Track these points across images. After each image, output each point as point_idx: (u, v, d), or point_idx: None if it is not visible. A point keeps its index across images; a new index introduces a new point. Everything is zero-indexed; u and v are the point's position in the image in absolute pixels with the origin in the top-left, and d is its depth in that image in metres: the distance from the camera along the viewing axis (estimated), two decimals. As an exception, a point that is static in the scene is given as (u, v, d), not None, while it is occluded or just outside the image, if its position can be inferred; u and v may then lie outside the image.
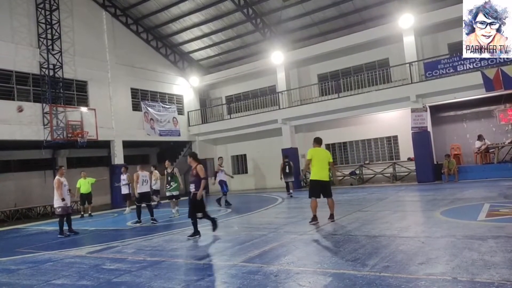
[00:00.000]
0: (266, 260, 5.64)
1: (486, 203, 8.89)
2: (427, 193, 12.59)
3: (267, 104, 22.20)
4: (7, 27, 16.01)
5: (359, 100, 17.60)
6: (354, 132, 19.93)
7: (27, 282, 5.65)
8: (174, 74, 23.53)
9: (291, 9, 19.66)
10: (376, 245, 5.90)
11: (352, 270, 4.72)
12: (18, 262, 7.30)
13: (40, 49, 16.75)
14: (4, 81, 15.71)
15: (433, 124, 17.52)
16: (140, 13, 21.10)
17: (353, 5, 18.83)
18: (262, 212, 11.73)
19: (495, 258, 4.68)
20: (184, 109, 23.87)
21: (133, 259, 6.55)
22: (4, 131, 15.09)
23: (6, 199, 17.35)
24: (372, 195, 13.42)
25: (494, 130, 17.01)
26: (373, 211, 9.61)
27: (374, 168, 19.09)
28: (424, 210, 9.50)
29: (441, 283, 4.01)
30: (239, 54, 23.53)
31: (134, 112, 20.58)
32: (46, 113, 16.39)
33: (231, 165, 24.18)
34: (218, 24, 21.28)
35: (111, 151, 19.40)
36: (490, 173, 14.97)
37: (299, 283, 4.49)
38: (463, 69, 15.47)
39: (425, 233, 6.49)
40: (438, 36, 17.78)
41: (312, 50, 20.20)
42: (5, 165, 18.42)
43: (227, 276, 5.09)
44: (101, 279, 5.44)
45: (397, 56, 18.24)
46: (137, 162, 24.26)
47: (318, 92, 20.76)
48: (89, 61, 18.73)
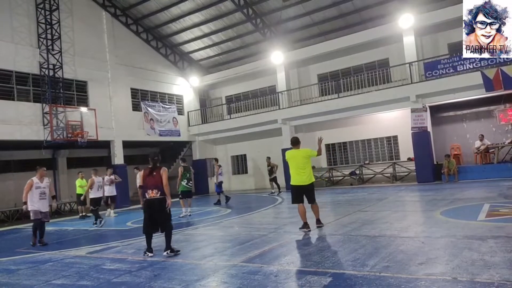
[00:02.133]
0: (266, 260, 5.64)
1: (486, 203, 8.89)
2: (427, 193, 12.59)
3: (267, 104, 22.20)
4: (7, 27, 16.00)
5: (359, 100, 17.60)
6: (354, 132, 19.94)
7: (27, 282, 5.65)
8: (174, 74, 23.53)
9: (291, 9, 19.66)
10: (376, 245, 5.90)
11: (352, 270, 4.72)
12: (18, 262, 7.30)
13: (40, 49, 16.75)
14: (4, 81, 15.70)
15: (433, 124, 17.52)
16: (140, 13, 21.10)
17: (353, 5, 18.83)
18: (262, 212, 11.73)
19: (495, 258, 4.69)
20: (184, 109, 23.87)
21: (133, 259, 6.55)
22: (4, 131, 15.09)
23: (6, 199, 17.36)
24: (372, 195, 13.42)
25: (494, 130, 17.00)
26: (373, 211, 9.61)
27: (374, 168, 19.10)
28: (424, 210, 9.50)
29: (441, 283, 4.01)
30: (239, 54, 23.53)
31: (134, 112, 20.58)
32: (46, 113, 16.39)
33: (231, 165, 24.20)
34: (218, 24, 21.28)
35: (111, 151, 19.41)
36: (490, 173, 14.97)
37: (299, 283, 4.49)
38: (463, 69, 15.46)
39: (425, 233, 6.49)
40: (438, 36, 17.79)
41: (312, 50, 20.20)
42: (5, 165, 18.42)
43: (227, 276, 5.09)
44: (101, 279, 5.44)
45: (397, 56, 18.24)
46: (137, 162, 24.31)
47: (318, 92, 20.77)
48: (89, 61, 18.73)
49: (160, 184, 6.57)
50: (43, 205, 8.71)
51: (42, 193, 8.67)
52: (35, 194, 8.58)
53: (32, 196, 8.58)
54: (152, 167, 6.74)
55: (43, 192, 8.69)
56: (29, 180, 8.73)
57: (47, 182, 8.83)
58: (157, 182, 6.57)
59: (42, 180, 8.75)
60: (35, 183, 8.63)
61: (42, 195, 8.66)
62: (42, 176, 8.80)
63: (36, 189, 8.61)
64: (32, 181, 8.65)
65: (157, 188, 6.57)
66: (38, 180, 8.70)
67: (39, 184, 8.66)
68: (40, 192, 8.63)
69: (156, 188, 6.56)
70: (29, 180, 8.70)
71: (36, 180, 8.68)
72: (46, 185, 8.78)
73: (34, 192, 8.59)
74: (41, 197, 8.64)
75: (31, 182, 8.62)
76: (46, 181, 8.89)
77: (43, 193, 8.69)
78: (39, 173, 8.80)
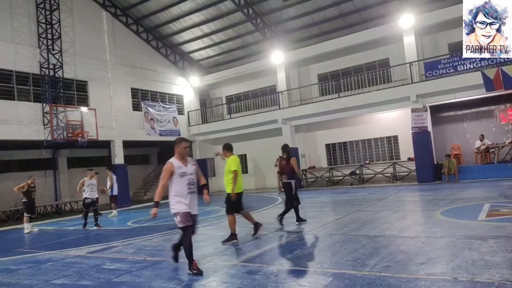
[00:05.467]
0: (266, 260, 5.64)
1: (486, 203, 8.88)
2: (427, 193, 12.58)
3: (267, 104, 22.20)
4: (7, 27, 16.01)
5: (359, 100, 17.60)
6: (354, 132, 19.93)
7: (28, 282, 5.65)
8: (174, 74, 23.53)
9: (291, 9, 19.66)
10: (376, 245, 5.90)
11: (352, 270, 4.71)
12: (18, 262, 7.30)
13: (40, 49, 16.76)
14: (4, 81, 15.72)
15: (433, 124, 17.51)
16: (140, 13, 21.11)
17: (353, 5, 18.83)
18: (262, 212, 11.73)
19: (495, 258, 4.68)
20: (184, 109, 23.87)
21: (133, 259, 6.55)
22: (4, 131, 15.10)
23: (6, 199, 17.34)
24: (372, 195, 13.42)
25: (494, 130, 16.99)
26: (373, 211, 9.60)
27: (374, 168, 19.09)
28: (425, 210, 9.49)
29: (441, 283, 4.01)
30: (239, 54, 23.53)
31: (134, 112, 20.59)
32: (46, 113, 16.40)
33: (231, 165, 24.16)
34: (218, 24, 21.28)
35: (111, 151, 19.41)
36: (490, 173, 14.96)
37: (299, 283, 4.49)
38: (463, 69, 15.46)
39: (425, 233, 6.48)
40: (439, 36, 17.78)
41: (312, 50, 20.20)
42: (5, 165, 18.43)
43: (227, 276, 5.09)
44: (101, 279, 5.44)
45: (397, 56, 18.23)
46: (138, 162, 24.32)
47: (318, 92, 20.76)
48: (89, 61, 18.74)
49: (289, 170, 8.61)
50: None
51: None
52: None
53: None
54: (286, 157, 8.71)
55: (94, 184, 12.05)
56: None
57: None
58: (288, 169, 8.64)
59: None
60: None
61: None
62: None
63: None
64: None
65: (286, 173, 8.70)
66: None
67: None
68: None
69: (286, 174, 8.69)
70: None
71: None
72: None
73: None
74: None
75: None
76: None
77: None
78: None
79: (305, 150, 21.06)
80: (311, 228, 7.88)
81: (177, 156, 5.43)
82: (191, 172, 5.44)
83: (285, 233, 7.75)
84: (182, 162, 5.40)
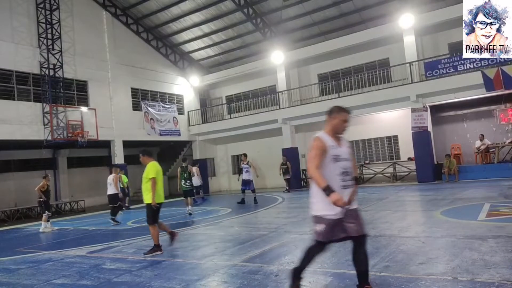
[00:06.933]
0: (267, 260, 5.64)
1: (486, 203, 8.88)
2: (428, 193, 12.59)
3: (267, 104, 22.19)
4: (7, 27, 16.01)
5: (359, 100, 17.59)
6: (354, 132, 19.86)
7: (28, 282, 5.65)
8: (174, 74, 23.53)
9: (291, 9, 19.66)
10: (376, 245, 5.89)
11: (352, 270, 4.67)
12: (18, 261, 7.30)
13: (40, 49, 16.75)
14: (4, 81, 15.71)
15: (433, 124, 17.51)
16: (140, 13, 21.10)
17: (353, 5, 18.82)
18: (262, 212, 11.74)
19: (495, 258, 4.68)
20: (184, 109, 23.87)
21: (134, 259, 6.56)
22: (5, 131, 15.10)
23: (6, 198, 17.36)
24: (372, 195, 13.42)
25: (495, 130, 17.00)
26: (373, 211, 9.61)
27: (374, 168, 19.09)
28: (425, 210, 9.50)
29: (441, 283, 4.01)
30: (239, 54, 23.53)
31: (134, 112, 20.58)
32: (46, 112, 16.40)
33: (231, 165, 24.20)
34: (218, 24, 21.27)
35: (111, 151, 19.41)
36: (490, 173, 14.97)
37: (300, 283, 4.48)
38: (463, 69, 15.46)
39: (425, 233, 6.49)
40: (439, 36, 17.77)
41: (312, 50, 20.19)
42: (5, 165, 18.42)
43: (228, 275, 5.09)
44: (101, 279, 5.44)
45: (398, 56, 18.23)
46: (138, 162, 24.24)
47: (318, 92, 20.76)
48: (89, 61, 18.73)
49: None
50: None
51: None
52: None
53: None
54: None
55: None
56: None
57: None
58: None
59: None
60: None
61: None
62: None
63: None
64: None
65: None
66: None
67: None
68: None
69: None
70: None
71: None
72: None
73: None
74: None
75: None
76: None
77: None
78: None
79: (305, 150, 21.03)
80: (311, 228, 7.87)
81: (329, 131, 3.77)
82: (347, 158, 3.72)
83: (285, 233, 7.75)
84: (336, 141, 3.74)
